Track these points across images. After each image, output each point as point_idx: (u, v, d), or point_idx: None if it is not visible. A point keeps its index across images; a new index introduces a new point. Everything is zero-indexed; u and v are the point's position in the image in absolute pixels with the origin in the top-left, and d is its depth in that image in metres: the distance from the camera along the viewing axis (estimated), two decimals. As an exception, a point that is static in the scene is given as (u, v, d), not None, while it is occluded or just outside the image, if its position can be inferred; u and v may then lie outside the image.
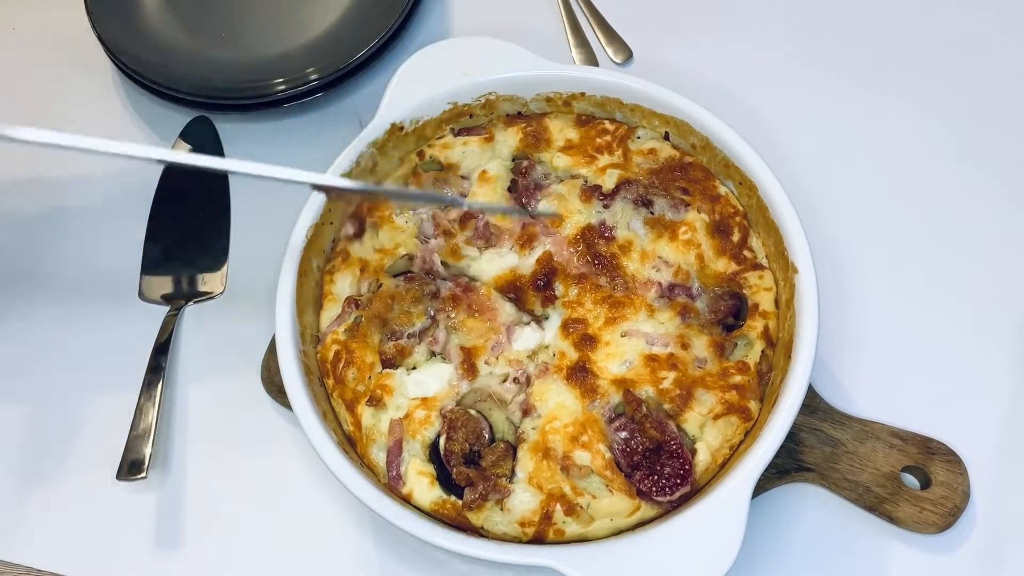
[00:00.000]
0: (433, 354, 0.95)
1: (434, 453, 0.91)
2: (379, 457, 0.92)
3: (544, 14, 1.29)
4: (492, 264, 0.99)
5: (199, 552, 0.99)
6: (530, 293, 0.97)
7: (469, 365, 0.94)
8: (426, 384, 0.93)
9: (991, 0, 1.25)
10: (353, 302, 0.98)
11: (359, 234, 1.02)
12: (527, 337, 0.95)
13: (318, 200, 1.00)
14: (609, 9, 1.28)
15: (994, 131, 1.17)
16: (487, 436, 0.91)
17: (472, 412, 0.92)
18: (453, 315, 0.96)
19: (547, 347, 0.95)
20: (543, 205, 1.01)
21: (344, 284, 1.00)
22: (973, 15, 1.25)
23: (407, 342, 0.95)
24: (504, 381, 0.94)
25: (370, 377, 0.94)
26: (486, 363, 0.94)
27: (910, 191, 1.14)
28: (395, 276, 0.99)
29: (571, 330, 0.95)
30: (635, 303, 0.96)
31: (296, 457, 1.02)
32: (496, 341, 0.95)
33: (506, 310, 0.97)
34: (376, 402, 0.92)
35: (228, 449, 1.03)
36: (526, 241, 1.00)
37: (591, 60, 1.24)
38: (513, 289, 0.98)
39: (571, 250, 0.99)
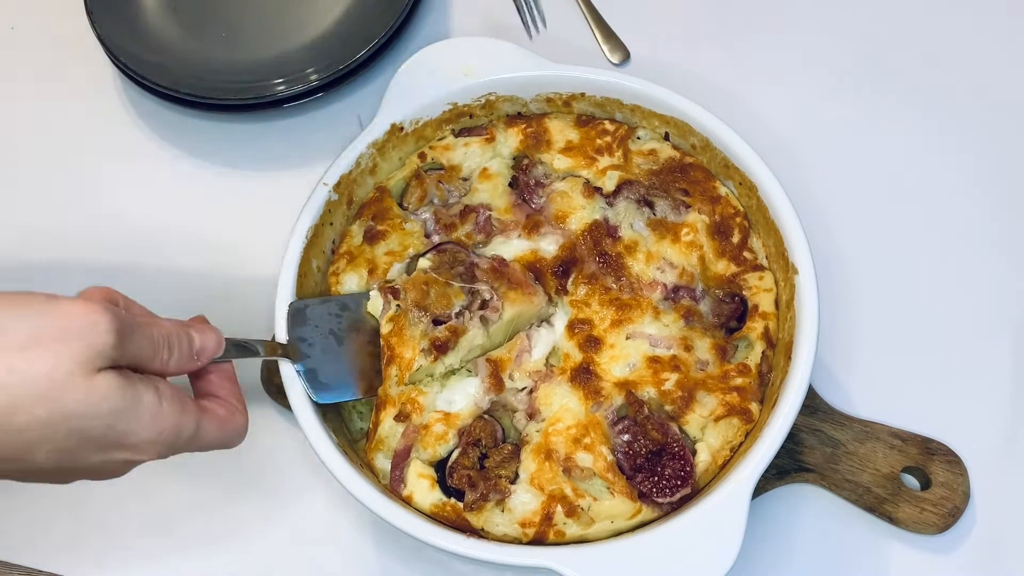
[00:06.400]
0: (462, 373, 0.94)
1: (438, 463, 0.91)
2: (383, 462, 0.92)
3: (544, 14, 1.28)
4: (506, 248, 0.99)
5: (197, 552, 0.99)
6: (548, 276, 0.97)
7: (496, 379, 0.93)
8: (454, 402, 0.93)
9: (990, 6, 1.25)
10: (390, 292, 0.95)
11: (370, 240, 1.01)
12: (544, 340, 0.95)
13: (318, 200, 1.00)
14: (608, 9, 1.27)
15: (993, 133, 1.17)
16: (500, 436, 0.91)
17: (486, 417, 0.92)
18: (496, 286, 0.95)
19: (555, 349, 0.95)
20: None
21: (351, 285, 0.99)
22: (973, 19, 1.24)
23: (458, 321, 0.93)
24: (520, 391, 0.94)
25: (409, 378, 0.92)
26: (510, 377, 0.94)
27: (910, 192, 1.14)
28: (424, 254, 0.98)
29: (577, 331, 0.95)
30: (641, 305, 0.95)
31: (295, 457, 1.02)
32: (520, 350, 0.94)
33: (539, 289, 0.96)
34: (404, 418, 0.92)
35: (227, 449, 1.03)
36: (532, 228, 1.00)
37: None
38: (533, 270, 0.98)
39: (581, 245, 0.99)
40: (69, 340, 0.67)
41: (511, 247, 0.99)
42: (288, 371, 0.90)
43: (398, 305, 0.94)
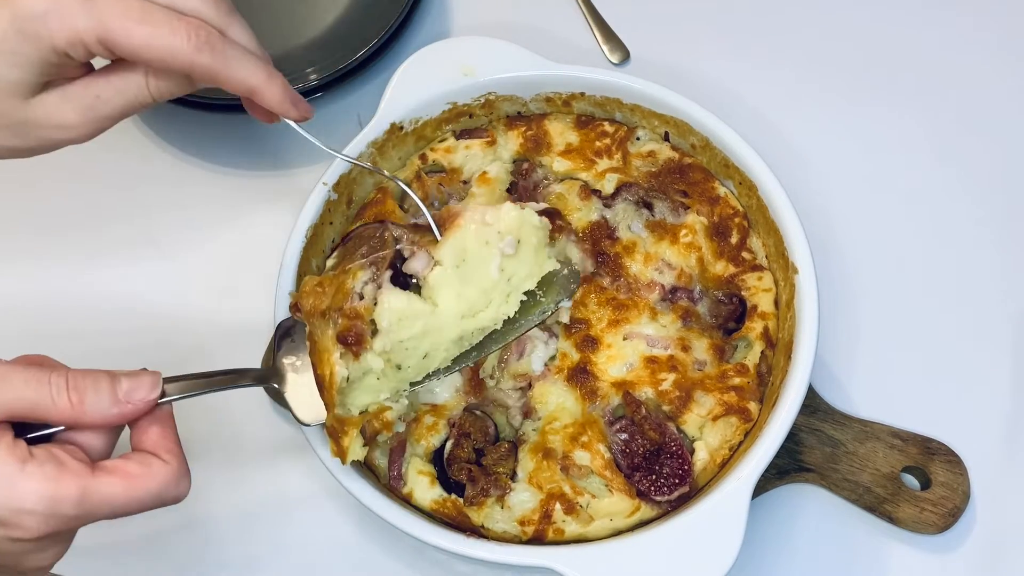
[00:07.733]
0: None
1: (435, 455, 0.91)
2: (381, 461, 0.92)
3: (544, 14, 1.28)
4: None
5: (197, 553, 0.99)
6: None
7: (476, 382, 0.93)
8: (436, 393, 0.93)
9: (989, 6, 1.25)
10: (294, 309, 0.86)
11: None
12: (540, 352, 0.94)
13: (318, 200, 1.00)
14: (608, 9, 1.27)
15: (994, 133, 1.17)
16: (493, 433, 0.91)
17: (477, 413, 0.92)
18: (417, 239, 0.86)
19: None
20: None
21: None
22: (974, 18, 1.25)
23: (360, 303, 0.83)
24: (509, 389, 0.94)
25: (347, 399, 0.85)
26: (491, 377, 0.94)
27: (910, 192, 1.14)
28: (331, 252, 0.95)
29: (574, 330, 0.95)
30: (639, 305, 0.95)
31: (295, 457, 1.02)
32: (505, 354, 0.94)
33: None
34: (372, 439, 0.86)
35: (226, 450, 1.03)
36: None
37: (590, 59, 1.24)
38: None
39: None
40: None
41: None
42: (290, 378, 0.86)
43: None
